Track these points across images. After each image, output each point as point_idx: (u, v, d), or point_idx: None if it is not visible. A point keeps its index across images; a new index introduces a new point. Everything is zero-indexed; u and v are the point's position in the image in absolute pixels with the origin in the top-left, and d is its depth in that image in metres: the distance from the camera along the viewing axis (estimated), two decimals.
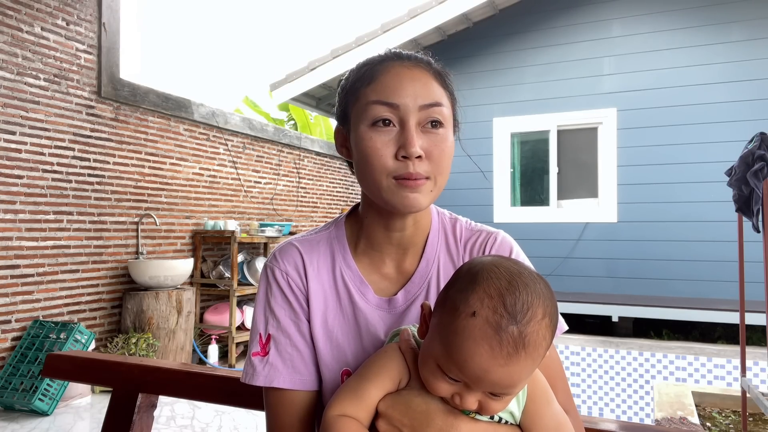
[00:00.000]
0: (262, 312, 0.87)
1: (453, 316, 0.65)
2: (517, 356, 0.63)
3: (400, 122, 0.78)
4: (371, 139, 0.78)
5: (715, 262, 5.63)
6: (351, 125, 0.83)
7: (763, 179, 3.21)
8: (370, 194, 0.83)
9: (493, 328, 0.62)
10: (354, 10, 41.36)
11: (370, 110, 0.79)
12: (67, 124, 4.02)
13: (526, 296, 0.64)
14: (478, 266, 0.69)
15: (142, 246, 4.58)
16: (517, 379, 0.64)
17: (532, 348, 0.63)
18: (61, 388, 3.45)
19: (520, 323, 0.63)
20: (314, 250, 0.89)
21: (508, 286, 0.65)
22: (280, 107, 11.25)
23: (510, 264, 0.69)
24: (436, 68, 0.84)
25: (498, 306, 0.63)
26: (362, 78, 0.82)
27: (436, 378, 0.68)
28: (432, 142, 0.79)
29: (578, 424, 0.84)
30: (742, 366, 3.69)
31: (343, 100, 0.86)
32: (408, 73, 0.80)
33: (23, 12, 3.73)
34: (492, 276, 0.66)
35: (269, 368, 0.84)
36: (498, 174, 6.68)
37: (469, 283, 0.66)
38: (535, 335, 0.63)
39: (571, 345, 5.22)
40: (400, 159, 0.77)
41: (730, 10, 5.76)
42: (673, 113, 5.91)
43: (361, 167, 0.81)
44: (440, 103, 0.80)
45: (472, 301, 0.64)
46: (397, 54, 0.84)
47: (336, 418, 0.71)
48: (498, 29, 6.73)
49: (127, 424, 1.24)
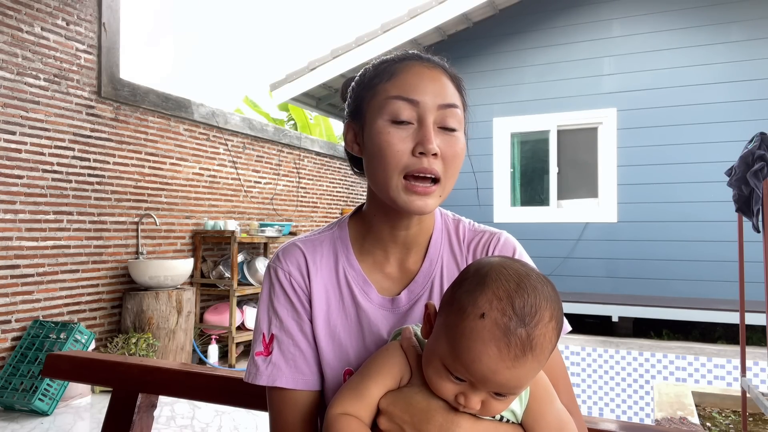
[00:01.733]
0: (266, 312, 0.88)
1: (461, 316, 0.66)
2: (524, 358, 0.63)
3: (419, 119, 0.79)
4: (389, 134, 0.78)
5: (715, 262, 5.63)
6: (366, 120, 0.83)
7: (763, 179, 3.21)
8: (377, 190, 0.83)
9: (501, 330, 0.63)
10: (354, 10, 41.37)
11: (390, 105, 0.79)
12: (67, 124, 4.02)
13: (534, 299, 0.65)
14: (487, 267, 0.69)
15: (142, 246, 4.58)
16: (523, 380, 0.65)
17: (538, 350, 0.64)
18: (61, 388, 3.45)
19: (528, 326, 0.63)
20: (317, 250, 0.90)
21: (516, 288, 0.65)
22: (280, 107, 11.25)
23: (518, 266, 0.69)
24: (452, 73, 0.85)
25: (507, 308, 0.63)
26: (381, 74, 0.83)
27: (441, 378, 0.68)
28: (447, 142, 0.80)
29: (581, 425, 0.84)
30: (742, 366, 3.69)
31: (357, 95, 0.86)
32: (428, 72, 0.81)
33: (23, 12, 3.73)
34: (501, 277, 0.66)
35: (272, 368, 0.84)
36: (498, 174, 6.68)
37: (478, 285, 0.67)
38: (542, 338, 0.64)
39: (571, 345, 5.22)
40: (416, 155, 0.78)
41: (730, 10, 5.76)
42: (673, 113, 5.91)
43: (374, 162, 0.81)
44: (456, 105, 0.81)
45: (480, 303, 0.65)
46: (417, 54, 0.85)
47: (338, 416, 0.71)
48: (498, 29, 6.72)
49: (127, 424, 1.24)
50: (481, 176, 6.67)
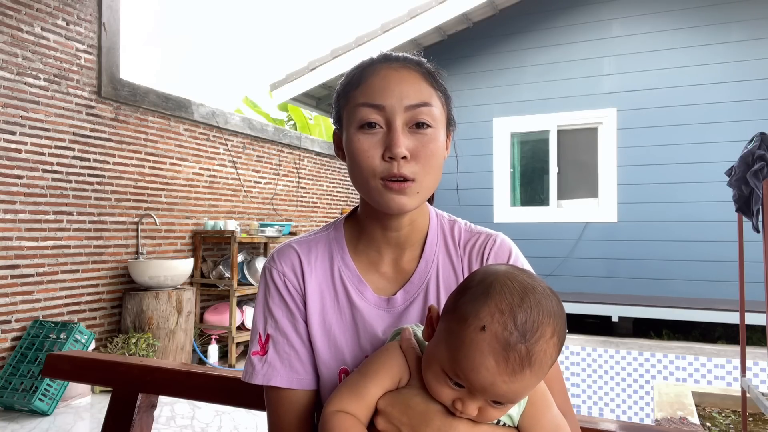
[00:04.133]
0: (261, 312, 0.89)
1: (462, 325, 0.65)
2: (522, 374, 0.63)
3: (387, 123, 0.79)
4: (359, 141, 0.79)
5: (715, 262, 5.63)
6: (343, 127, 0.84)
7: (763, 179, 3.21)
8: (361, 194, 0.85)
9: (501, 345, 0.62)
10: (354, 10, 41.36)
11: (358, 112, 0.80)
12: (67, 124, 4.02)
13: (537, 314, 0.64)
14: (492, 277, 0.68)
15: (142, 246, 4.58)
16: (520, 393, 0.65)
17: (537, 366, 0.63)
18: (61, 388, 3.45)
19: (529, 342, 0.63)
20: (312, 251, 0.90)
21: (520, 302, 0.64)
22: (280, 107, 11.26)
23: (524, 277, 0.68)
24: (426, 68, 0.84)
25: (508, 323, 0.63)
26: (352, 81, 0.84)
27: (440, 382, 0.68)
28: (419, 142, 0.79)
29: (575, 426, 0.84)
30: (742, 366, 3.68)
31: (336, 103, 0.87)
32: (395, 74, 0.81)
33: (23, 12, 3.73)
34: (505, 290, 0.65)
35: (267, 367, 0.85)
36: (498, 174, 6.68)
37: (481, 295, 0.66)
38: (542, 354, 0.63)
39: (571, 345, 5.22)
40: (386, 160, 0.78)
41: (730, 10, 5.76)
42: (673, 113, 5.91)
43: (352, 168, 0.82)
44: (428, 103, 0.80)
45: (482, 315, 0.64)
46: (387, 56, 0.85)
47: (334, 413, 0.71)
48: (498, 29, 6.72)
49: (127, 424, 1.24)
50: (481, 176, 6.67)
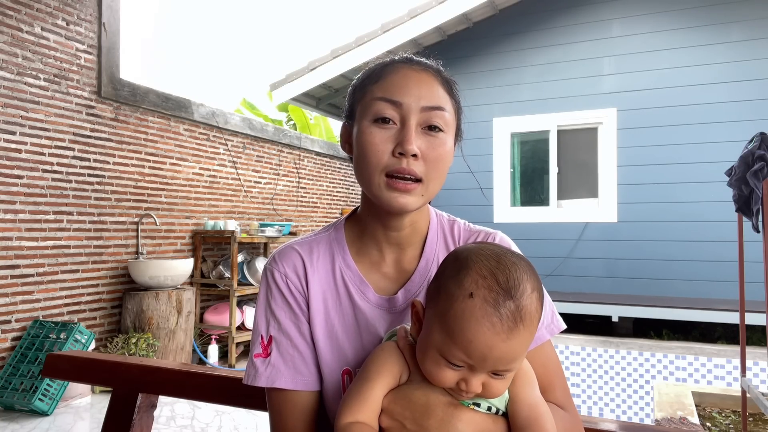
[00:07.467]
0: (263, 314, 0.89)
1: (450, 301, 0.68)
2: (517, 329, 0.66)
3: (401, 120, 0.80)
4: (371, 134, 0.80)
5: (715, 262, 5.63)
6: (356, 120, 0.85)
7: (763, 179, 3.21)
8: (364, 188, 0.85)
9: (491, 306, 0.65)
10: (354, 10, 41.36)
11: (374, 106, 0.81)
12: (67, 124, 4.02)
13: (516, 272, 0.68)
14: (465, 252, 0.72)
15: (142, 246, 4.58)
16: (518, 352, 0.67)
17: (528, 320, 0.67)
18: (61, 388, 3.45)
19: (515, 297, 0.66)
20: (313, 251, 0.90)
21: (497, 264, 0.68)
22: (280, 108, 11.26)
23: (494, 247, 0.73)
24: (444, 76, 0.87)
25: (492, 284, 0.66)
26: (371, 76, 0.85)
27: (440, 367, 0.69)
28: (430, 144, 0.80)
29: (576, 420, 0.85)
30: (742, 366, 3.69)
31: (351, 96, 0.89)
32: (415, 75, 0.83)
33: (23, 12, 3.73)
34: (481, 258, 0.70)
35: (271, 369, 0.85)
36: (498, 174, 6.68)
37: (461, 268, 0.69)
38: (530, 307, 0.67)
39: (571, 345, 5.22)
40: (396, 156, 0.79)
41: (730, 10, 5.76)
42: (673, 113, 5.91)
43: (359, 161, 0.83)
44: (443, 107, 0.82)
45: (467, 284, 0.67)
46: (409, 58, 0.87)
47: (348, 426, 0.71)
48: (498, 29, 6.72)
49: (127, 424, 1.24)
50: (481, 176, 6.67)
